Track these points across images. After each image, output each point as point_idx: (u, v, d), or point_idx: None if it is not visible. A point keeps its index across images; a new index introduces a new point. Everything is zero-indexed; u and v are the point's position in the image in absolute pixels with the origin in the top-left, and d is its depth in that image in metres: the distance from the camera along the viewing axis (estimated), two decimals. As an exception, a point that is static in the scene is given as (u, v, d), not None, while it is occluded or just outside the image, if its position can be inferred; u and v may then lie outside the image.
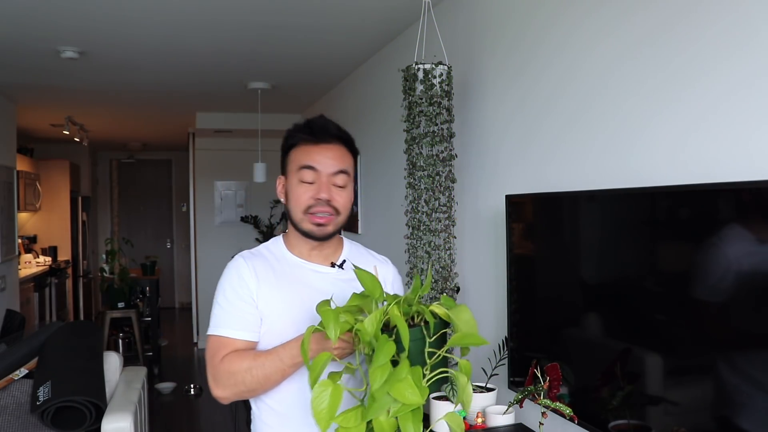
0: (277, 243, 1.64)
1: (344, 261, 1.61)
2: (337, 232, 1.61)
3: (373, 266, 1.57)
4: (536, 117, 2.24)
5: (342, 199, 1.56)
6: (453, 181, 2.49)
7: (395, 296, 1.24)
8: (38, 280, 6.63)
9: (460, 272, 2.68)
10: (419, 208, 2.46)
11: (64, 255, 7.94)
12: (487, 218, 2.54)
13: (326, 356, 1.19)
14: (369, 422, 1.11)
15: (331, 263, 1.61)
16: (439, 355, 1.17)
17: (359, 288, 1.54)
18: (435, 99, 2.41)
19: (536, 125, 2.23)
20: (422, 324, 1.18)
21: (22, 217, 7.21)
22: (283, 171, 1.61)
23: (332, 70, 4.53)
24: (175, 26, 3.36)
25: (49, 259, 7.41)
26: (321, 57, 4.10)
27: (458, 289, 2.54)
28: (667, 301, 1.50)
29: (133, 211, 10.03)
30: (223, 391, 1.47)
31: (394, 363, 1.11)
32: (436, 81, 2.41)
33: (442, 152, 2.45)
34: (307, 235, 1.56)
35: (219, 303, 1.55)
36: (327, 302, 1.25)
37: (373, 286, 1.22)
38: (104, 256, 6.67)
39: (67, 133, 6.41)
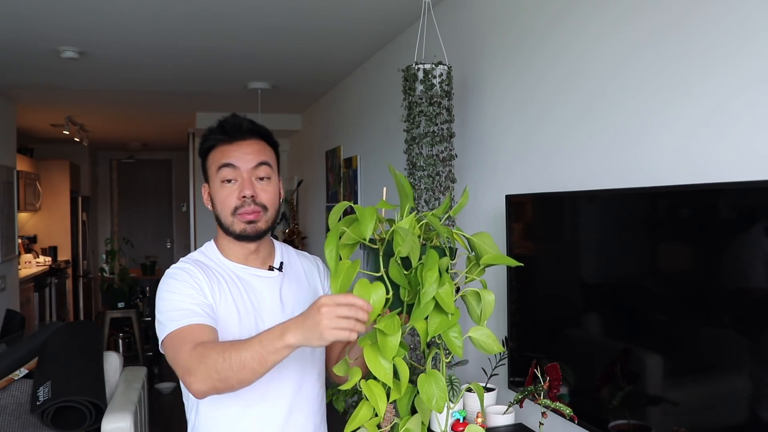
0: (211, 249, 1.58)
1: (282, 263, 1.58)
2: (270, 230, 1.55)
3: (304, 265, 1.62)
4: (537, 117, 2.24)
5: (267, 194, 1.50)
6: (453, 181, 2.49)
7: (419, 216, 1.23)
8: (38, 280, 6.63)
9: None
10: (419, 208, 2.46)
11: (64, 255, 7.94)
12: (487, 218, 2.54)
13: (350, 264, 1.15)
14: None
15: (269, 267, 1.56)
16: (462, 275, 1.19)
17: (302, 288, 1.58)
18: (435, 99, 2.41)
19: (537, 125, 2.24)
20: (445, 245, 1.19)
21: (22, 217, 7.21)
22: (206, 178, 1.56)
23: (332, 70, 4.53)
24: (175, 26, 3.36)
25: (49, 259, 7.41)
26: (321, 57, 4.10)
27: (458, 289, 2.54)
28: (668, 301, 1.50)
29: (133, 211, 10.03)
30: (199, 382, 1.25)
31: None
32: (436, 81, 2.41)
33: (442, 152, 2.45)
34: (240, 236, 1.50)
35: (167, 299, 1.41)
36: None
37: (409, 190, 1.21)
38: (104, 256, 6.69)
39: (67, 133, 6.41)
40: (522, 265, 1.26)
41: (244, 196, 1.47)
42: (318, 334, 1.11)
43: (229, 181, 1.48)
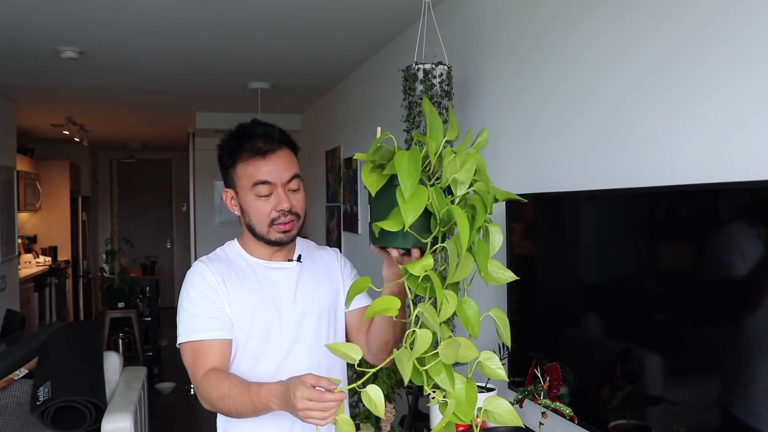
0: (233, 246, 1.63)
1: (300, 255, 1.65)
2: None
3: (323, 257, 1.69)
4: (537, 117, 2.24)
5: (299, 203, 1.56)
6: (453, 181, 2.48)
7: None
8: (38, 280, 6.63)
9: (460, 272, 2.68)
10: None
11: (64, 255, 7.94)
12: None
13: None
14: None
15: (288, 259, 1.63)
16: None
17: (318, 276, 1.63)
18: (435, 99, 2.42)
19: (537, 125, 2.23)
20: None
21: (22, 217, 7.21)
22: (229, 185, 1.58)
23: (332, 70, 4.53)
24: (175, 26, 3.36)
25: (49, 259, 7.41)
26: (321, 57, 4.10)
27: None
28: (668, 301, 1.50)
29: (133, 211, 10.02)
30: (204, 404, 1.49)
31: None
32: (436, 81, 2.42)
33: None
34: (274, 243, 1.56)
35: (185, 309, 1.54)
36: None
37: (440, 126, 1.16)
38: (104, 256, 6.68)
39: (67, 133, 6.41)
40: (523, 200, 1.24)
41: (282, 210, 1.52)
42: (295, 413, 1.25)
43: (265, 195, 1.52)
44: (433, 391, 1.13)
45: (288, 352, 1.55)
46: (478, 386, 2.13)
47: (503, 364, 2.12)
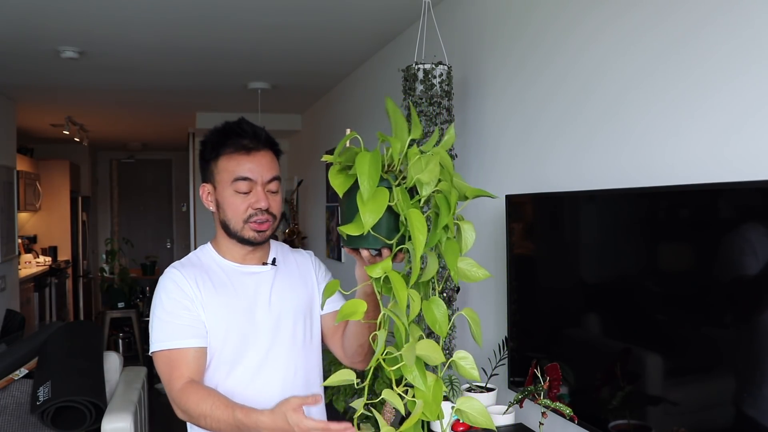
0: (206, 251, 1.63)
1: (275, 258, 1.64)
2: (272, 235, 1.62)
3: (297, 259, 1.69)
4: (537, 117, 2.24)
5: (276, 204, 1.56)
6: (453, 181, 2.48)
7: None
8: (38, 280, 6.62)
9: (460, 272, 2.67)
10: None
11: (64, 255, 7.94)
12: (487, 218, 2.54)
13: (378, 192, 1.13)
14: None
15: (263, 262, 1.62)
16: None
17: (293, 278, 1.63)
18: (435, 99, 2.42)
19: (537, 125, 2.24)
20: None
21: (22, 217, 7.21)
22: (207, 179, 1.58)
23: (332, 70, 4.53)
24: (175, 26, 3.36)
25: (49, 259, 7.41)
26: (321, 57, 4.10)
27: (458, 289, 2.54)
28: (668, 301, 1.50)
29: (133, 211, 10.02)
30: (179, 415, 1.48)
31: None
32: (436, 81, 2.42)
33: (442, 152, 2.44)
34: (247, 242, 1.55)
35: (158, 317, 1.51)
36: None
37: (404, 126, 1.17)
38: (104, 256, 6.69)
39: (67, 133, 6.41)
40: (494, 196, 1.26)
41: (258, 208, 1.52)
42: None
43: (244, 192, 1.52)
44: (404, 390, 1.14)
45: (265, 356, 1.54)
46: (479, 387, 2.13)
47: (503, 364, 2.13)
